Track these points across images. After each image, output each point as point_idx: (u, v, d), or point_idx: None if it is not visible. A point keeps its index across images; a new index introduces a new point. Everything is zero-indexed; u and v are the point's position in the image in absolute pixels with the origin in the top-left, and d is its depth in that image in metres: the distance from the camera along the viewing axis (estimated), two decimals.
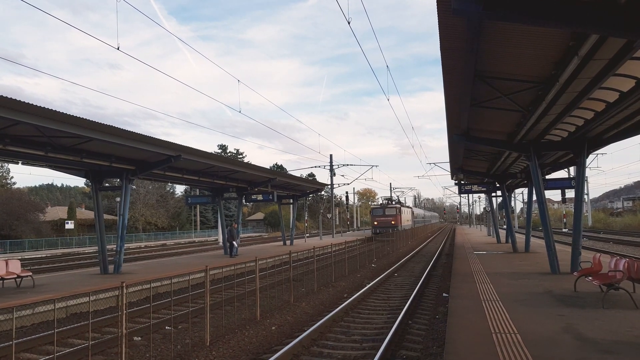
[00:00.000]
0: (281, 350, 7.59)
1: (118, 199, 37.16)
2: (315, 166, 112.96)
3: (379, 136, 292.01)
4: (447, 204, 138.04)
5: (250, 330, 9.85)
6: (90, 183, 19.82)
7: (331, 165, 51.16)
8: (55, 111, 11.37)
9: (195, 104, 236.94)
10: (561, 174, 37.21)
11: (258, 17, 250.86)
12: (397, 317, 9.98)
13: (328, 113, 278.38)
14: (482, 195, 56.52)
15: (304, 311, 11.87)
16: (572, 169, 23.70)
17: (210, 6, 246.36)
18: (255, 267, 11.48)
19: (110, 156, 16.17)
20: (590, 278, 10.12)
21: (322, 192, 71.39)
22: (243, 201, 28.50)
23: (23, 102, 10.53)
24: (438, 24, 7.04)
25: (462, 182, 28.83)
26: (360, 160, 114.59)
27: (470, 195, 78.76)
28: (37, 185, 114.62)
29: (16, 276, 14.17)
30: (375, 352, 7.61)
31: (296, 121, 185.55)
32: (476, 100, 11.06)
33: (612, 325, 7.54)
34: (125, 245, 18.80)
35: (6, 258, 16.56)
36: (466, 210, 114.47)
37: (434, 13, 6.90)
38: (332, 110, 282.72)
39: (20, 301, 6.06)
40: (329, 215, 57.75)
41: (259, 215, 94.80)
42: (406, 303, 11.67)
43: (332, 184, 52.67)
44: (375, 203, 73.42)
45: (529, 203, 24.85)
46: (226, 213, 56.46)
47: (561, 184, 18.93)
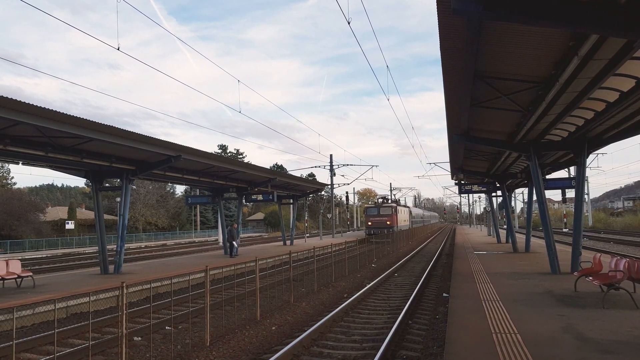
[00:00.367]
0: (281, 350, 7.60)
1: (118, 199, 37.17)
2: (315, 166, 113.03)
3: (379, 136, 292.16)
4: (448, 204, 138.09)
5: (250, 330, 9.85)
6: (90, 183, 19.83)
7: (331, 165, 51.18)
8: (55, 111, 11.38)
9: (195, 104, 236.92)
10: (561, 174, 37.21)
11: (258, 17, 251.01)
12: (397, 317, 9.98)
13: (328, 113, 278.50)
14: (482, 195, 56.48)
15: (304, 311, 11.87)
16: (573, 169, 23.71)
17: (210, 6, 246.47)
18: (255, 267, 11.49)
19: (110, 156, 16.17)
20: (590, 278, 10.12)
21: (322, 192, 71.39)
22: (243, 201, 28.51)
23: (23, 103, 10.53)
24: (438, 24, 7.04)
25: (462, 182, 28.84)
26: (360, 160, 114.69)
27: (470, 195, 78.80)
28: (38, 185, 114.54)
29: (16, 276, 14.18)
30: (375, 352, 7.61)
31: (296, 121, 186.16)
32: (476, 100, 11.06)
33: (613, 325, 7.54)
34: (125, 245, 18.80)
35: (6, 258, 16.57)
36: (466, 210, 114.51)
37: (434, 13, 6.89)
38: (332, 110, 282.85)
39: (20, 301, 6.06)
40: (329, 215, 57.67)
41: (259, 215, 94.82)
42: (406, 303, 11.67)
43: (332, 184, 52.67)
44: (370, 202, 69.06)
45: (529, 203, 24.84)
46: (226, 213, 56.45)
47: (561, 184, 18.93)
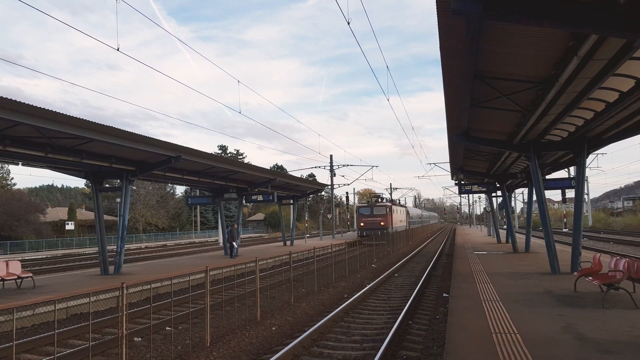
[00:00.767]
0: (281, 350, 7.60)
1: (118, 200, 37.17)
2: (315, 166, 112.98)
3: (379, 136, 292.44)
4: (448, 204, 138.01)
5: (250, 330, 9.85)
6: (90, 184, 19.83)
7: (331, 165, 51.19)
8: (55, 112, 11.38)
9: (195, 105, 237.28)
10: (561, 174, 37.23)
11: (258, 18, 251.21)
12: (398, 318, 9.98)
13: (328, 113, 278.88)
14: (482, 195, 56.46)
15: (304, 311, 11.87)
16: (572, 169, 23.71)
17: (209, 6, 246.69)
18: (255, 268, 11.49)
19: (110, 157, 16.18)
20: (590, 278, 10.13)
21: (322, 193, 71.41)
22: (243, 202, 28.51)
23: (23, 103, 10.53)
24: (438, 25, 7.05)
25: (462, 182, 28.83)
26: (360, 160, 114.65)
27: (470, 195, 78.75)
28: (37, 186, 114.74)
29: (16, 277, 14.18)
30: (375, 353, 7.61)
31: (296, 121, 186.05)
32: (476, 100, 11.06)
33: (612, 325, 7.54)
34: (125, 246, 18.80)
35: (6, 259, 16.57)
36: (466, 210, 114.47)
37: (434, 13, 6.93)
38: (332, 110, 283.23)
39: (20, 302, 6.07)
40: (329, 215, 57.60)
41: (259, 215, 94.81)
42: (406, 303, 11.67)
43: (332, 185, 52.68)
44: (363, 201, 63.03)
45: (529, 203, 24.85)
46: (226, 214, 56.39)
47: (561, 184, 18.93)
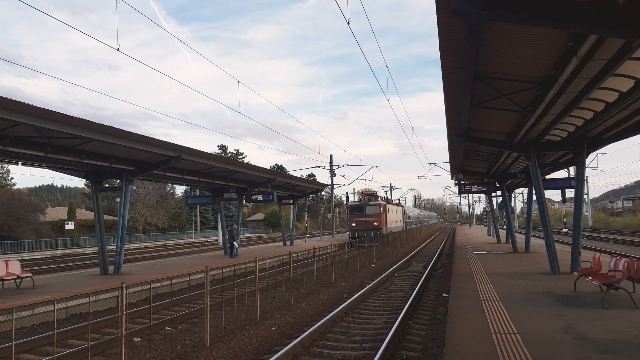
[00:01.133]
0: (281, 350, 7.60)
1: (118, 200, 37.14)
2: (315, 166, 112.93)
3: (379, 136, 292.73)
4: (448, 204, 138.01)
5: (250, 330, 9.85)
6: (90, 184, 19.83)
7: (331, 165, 51.18)
8: (55, 112, 11.38)
9: (195, 105, 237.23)
10: (561, 174, 37.25)
11: (257, 18, 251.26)
12: (397, 318, 9.98)
13: (327, 113, 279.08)
14: (482, 195, 56.42)
15: (304, 312, 11.87)
16: (572, 169, 23.71)
17: (209, 7, 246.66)
18: (255, 268, 11.49)
19: (110, 157, 16.17)
20: (590, 278, 10.13)
21: (322, 193, 71.35)
22: (243, 202, 28.51)
23: (23, 103, 10.53)
24: (437, 25, 7.05)
25: (462, 182, 28.83)
26: (360, 160, 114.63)
27: (470, 195, 78.71)
28: (37, 186, 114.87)
29: (16, 277, 14.18)
30: (375, 353, 7.61)
31: (296, 121, 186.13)
32: (476, 100, 11.07)
33: (612, 325, 7.54)
34: (125, 245, 18.80)
35: (6, 259, 16.57)
36: (466, 210, 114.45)
37: (434, 13, 6.92)
38: (332, 110, 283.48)
39: (20, 302, 6.07)
40: (329, 215, 57.57)
41: (259, 215, 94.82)
42: (406, 303, 11.67)
43: (332, 185, 52.67)
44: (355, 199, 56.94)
45: (529, 203, 24.85)
46: (226, 213, 56.44)
47: (561, 184, 18.93)
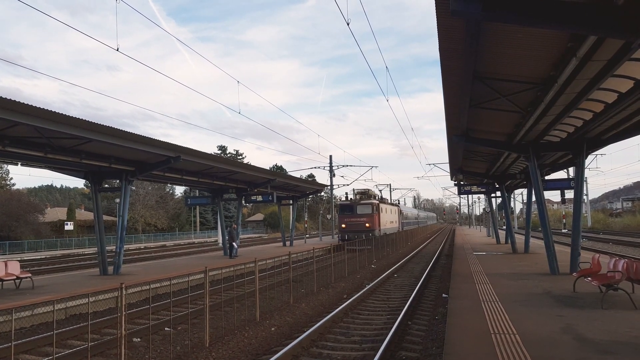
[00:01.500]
0: (281, 351, 7.59)
1: (117, 200, 37.16)
2: (314, 167, 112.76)
3: (378, 137, 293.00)
4: (447, 205, 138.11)
5: (249, 331, 9.85)
6: (89, 184, 19.82)
7: (331, 166, 51.15)
8: (54, 112, 11.37)
9: (194, 105, 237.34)
10: (560, 175, 37.25)
11: (257, 18, 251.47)
12: (397, 318, 9.98)
13: (327, 114, 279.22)
14: (482, 196, 56.42)
15: (304, 312, 11.87)
16: (572, 170, 23.72)
17: (209, 7, 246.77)
18: (254, 268, 11.49)
19: (109, 157, 16.17)
20: (589, 279, 10.14)
21: (322, 193, 71.37)
22: (243, 202, 28.51)
23: (22, 103, 10.53)
24: (437, 26, 7.05)
25: (462, 183, 28.85)
26: (360, 160, 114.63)
27: (469, 196, 78.73)
28: (37, 186, 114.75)
29: (15, 277, 14.16)
30: (374, 353, 7.61)
31: (295, 122, 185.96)
32: (475, 101, 11.07)
33: (611, 325, 7.55)
34: (124, 246, 18.79)
35: (5, 259, 16.55)
36: (466, 211, 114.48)
37: (433, 14, 6.94)
38: (331, 111, 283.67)
39: (19, 302, 6.06)
40: (329, 216, 57.56)
41: (259, 216, 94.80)
42: (406, 304, 11.67)
43: (332, 185, 52.66)
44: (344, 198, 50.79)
45: (529, 204, 24.86)
46: (226, 214, 56.39)
47: (560, 185, 18.93)
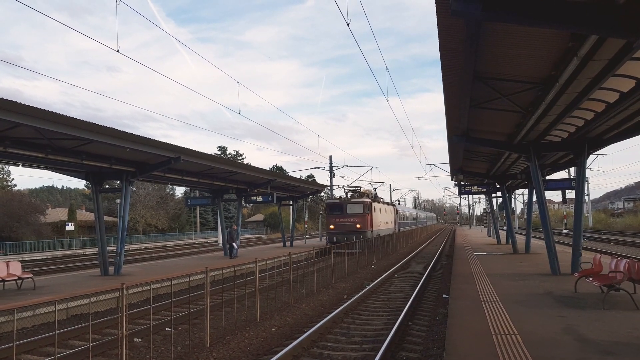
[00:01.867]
0: (281, 351, 7.59)
1: (118, 201, 37.13)
2: (314, 167, 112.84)
3: (377, 137, 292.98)
4: (447, 205, 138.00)
5: (250, 331, 9.85)
6: (90, 185, 19.83)
7: (330, 166, 51.11)
8: (55, 113, 11.39)
9: (194, 106, 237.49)
10: (561, 175, 37.14)
11: (256, 19, 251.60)
12: (397, 319, 9.97)
13: (327, 114, 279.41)
14: (482, 196, 56.35)
15: (304, 312, 11.87)
16: (573, 170, 23.70)
17: (208, 8, 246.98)
18: (255, 269, 11.48)
19: (110, 158, 16.18)
20: (590, 279, 10.12)
21: (322, 194, 71.35)
22: (243, 202, 28.52)
23: (23, 105, 10.54)
24: (437, 26, 7.05)
25: (462, 183, 28.83)
26: (359, 161, 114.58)
27: (470, 196, 78.66)
28: (38, 187, 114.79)
29: (17, 278, 14.17)
30: (375, 354, 7.60)
31: (295, 122, 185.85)
32: (476, 101, 11.07)
33: (613, 326, 7.53)
34: (125, 246, 18.79)
35: (7, 260, 16.56)
36: (466, 211, 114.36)
37: (433, 14, 6.94)
38: (331, 111, 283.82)
39: (21, 303, 6.06)
40: None
41: (259, 216, 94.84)
42: (406, 304, 11.66)
43: (332, 185, 52.62)
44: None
45: (529, 204, 24.84)
46: (226, 214, 56.33)
47: (561, 185, 18.92)
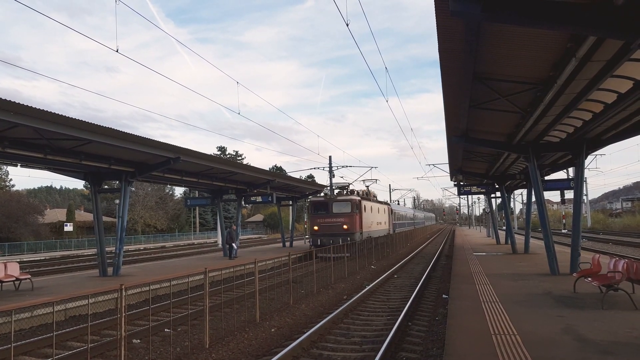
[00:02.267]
0: (280, 352, 7.58)
1: (117, 201, 37.10)
2: (314, 167, 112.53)
3: (377, 138, 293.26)
4: (447, 205, 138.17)
5: (249, 332, 9.84)
6: (89, 185, 19.82)
7: (330, 166, 51.05)
8: (54, 113, 11.37)
9: (193, 106, 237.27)
10: (560, 175, 37.28)
11: (256, 19, 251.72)
12: (397, 319, 9.97)
13: (326, 115, 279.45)
14: (482, 196, 56.36)
15: (304, 313, 11.86)
16: (571, 170, 23.72)
17: (208, 8, 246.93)
18: (254, 269, 11.48)
19: (109, 158, 16.16)
20: (589, 279, 10.13)
21: (322, 194, 71.23)
22: (242, 203, 28.50)
23: (22, 105, 10.52)
24: (436, 26, 7.05)
25: (462, 184, 28.83)
26: (359, 161, 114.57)
27: (469, 196, 78.64)
28: (36, 187, 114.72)
29: (15, 279, 14.14)
30: (375, 354, 7.60)
31: (295, 123, 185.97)
32: (475, 101, 11.08)
33: (612, 326, 7.54)
34: (124, 247, 18.77)
35: (5, 261, 16.54)
36: (465, 211, 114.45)
37: (432, 15, 6.96)
38: (330, 111, 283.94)
39: (19, 304, 6.05)
40: None
41: (259, 216, 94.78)
42: (406, 304, 11.66)
43: (332, 185, 52.62)
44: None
45: (528, 204, 24.86)
46: (225, 215, 56.31)
47: (560, 185, 18.92)
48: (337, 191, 32.58)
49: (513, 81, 9.86)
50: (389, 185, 77.88)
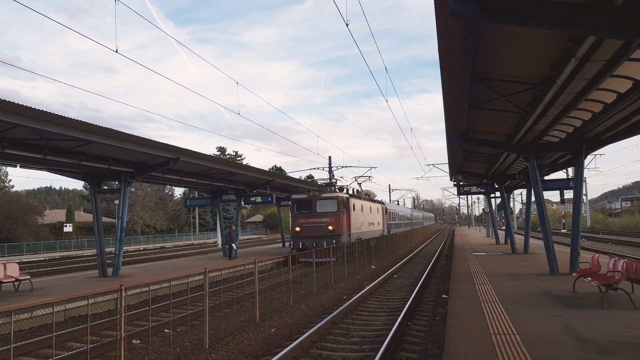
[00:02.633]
0: (280, 352, 7.59)
1: (117, 202, 37.13)
2: (314, 168, 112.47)
3: (376, 138, 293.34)
4: (447, 205, 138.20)
5: (249, 332, 9.83)
6: (88, 186, 19.81)
7: (330, 166, 51.09)
8: (53, 114, 11.36)
9: (193, 107, 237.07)
10: (560, 175, 37.30)
11: (255, 20, 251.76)
12: (397, 319, 9.97)
13: (325, 115, 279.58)
14: (481, 196, 56.37)
15: (304, 313, 11.86)
16: (571, 170, 23.73)
17: (207, 8, 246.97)
18: (254, 269, 11.47)
19: (108, 159, 16.16)
20: (589, 279, 10.14)
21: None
22: (242, 203, 28.50)
23: (21, 105, 10.52)
24: (436, 26, 7.06)
25: (461, 184, 28.85)
26: (359, 161, 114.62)
27: (469, 196, 78.66)
28: (36, 188, 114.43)
29: (14, 280, 14.13)
30: (374, 354, 7.60)
31: (294, 123, 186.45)
32: (474, 101, 11.09)
33: (611, 325, 7.55)
34: (124, 247, 18.77)
35: (4, 261, 16.52)
36: (465, 211, 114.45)
37: (432, 15, 6.97)
38: (330, 112, 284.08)
39: (18, 305, 6.05)
40: None
41: (258, 217, 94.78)
42: (405, 305, 11.66)
43: (332, 185, 52.58)
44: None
45: (528, 204, 24.90)
46: (225, 215, 56.33)
47: (560, 185, 18.92)
48: (326, 186, 29.70)
49: (512, 81, 9.87)
50: (389, 185, 78.07)
